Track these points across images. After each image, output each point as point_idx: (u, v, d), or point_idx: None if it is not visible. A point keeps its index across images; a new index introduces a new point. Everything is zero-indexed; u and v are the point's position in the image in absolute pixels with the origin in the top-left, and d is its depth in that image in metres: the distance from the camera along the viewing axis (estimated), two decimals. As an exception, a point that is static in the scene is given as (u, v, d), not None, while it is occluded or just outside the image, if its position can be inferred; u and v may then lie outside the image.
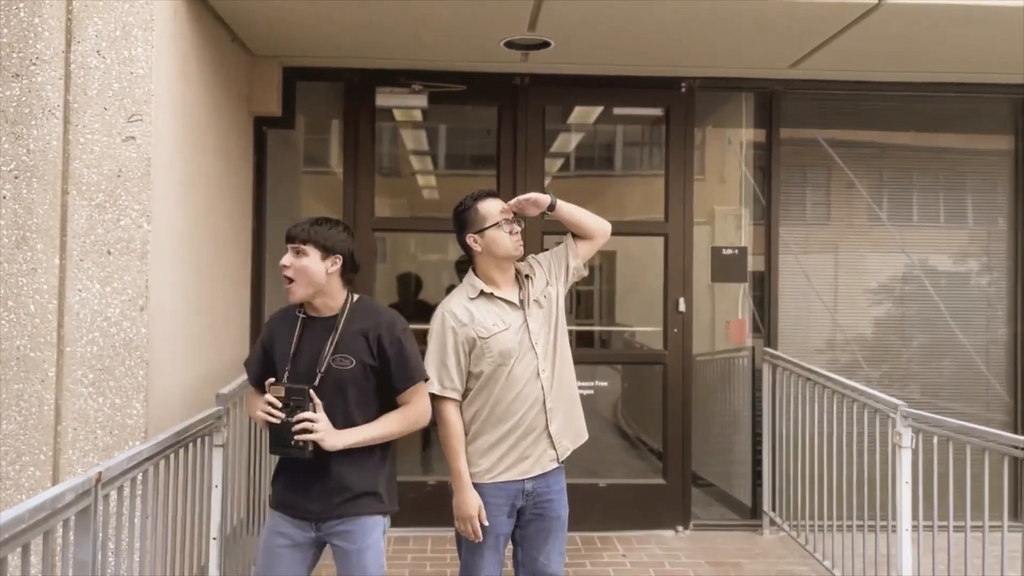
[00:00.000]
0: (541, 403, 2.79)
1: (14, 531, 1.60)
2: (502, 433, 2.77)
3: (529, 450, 2.79)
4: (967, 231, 5.32)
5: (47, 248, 3.16)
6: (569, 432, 2.89)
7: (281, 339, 2.59)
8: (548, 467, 2.83)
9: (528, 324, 2.81)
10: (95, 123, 3.18)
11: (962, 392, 5.21)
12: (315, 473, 2.51)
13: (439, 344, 2.78)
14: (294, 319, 2.61)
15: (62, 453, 3.15)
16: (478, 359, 2.76)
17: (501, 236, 2.80)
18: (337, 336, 2.54)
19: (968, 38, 4.17)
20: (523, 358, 2.78)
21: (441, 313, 2.82)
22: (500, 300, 2.83)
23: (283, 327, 2.62)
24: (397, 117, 5.22)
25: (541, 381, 2.80)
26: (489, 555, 2.79)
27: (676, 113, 4.98)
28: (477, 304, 2.81)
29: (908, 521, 3.40)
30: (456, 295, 2.87)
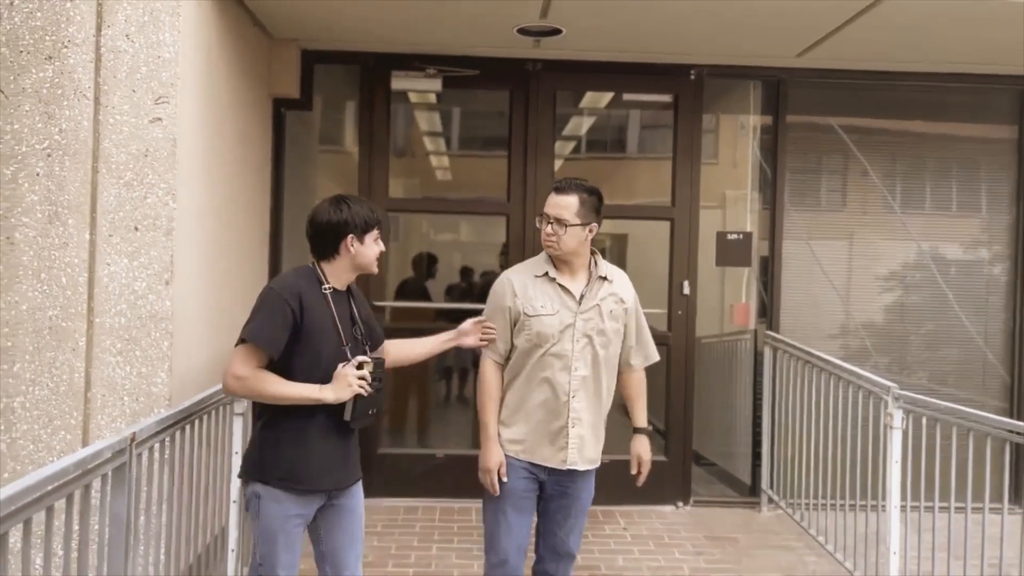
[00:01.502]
0: (567, 397, 2.83)
1: (60, 482, 1.77)
2: (526, 411, 2.85)
3: (548, 439, 2.85)
4: (972, 219, 5.41)
5: (78, 223, 3.31)
6: (587, 449, 2.89)
7: (318, 313, 2.51)
8: (560, 465, 2.86)
9: (578, 318, 2.85)
10: (124, 104, 3.33)
11: (970, 379, 5.32)
12: (347, 442, 2.59)
13: (492, 305, 2.92)
14: (320, 292, 2.55)
15: (91, 418, 3.32)
16: (519, 332, 2.85)
17: (543, 233, 2.89)
18: (357, 308, 2.66)
19: (971, 31, 4.25)
20: (559, 346, 2.82)
21: (502, 279, 2.94)
22: (560, 286, 2.87)
23: (315, 300, 2.53)
24: (412, 100, 5.35)
25: (571, 377, 2.83)
26: (512, 515, 2.86)
27: (685, 100, 5.08)
28: (537, 282, 2.88)
29: (897, 499, 3.54)
30: (525, 266, 2.98)
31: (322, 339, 2.50)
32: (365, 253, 2.59)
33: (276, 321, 2.44)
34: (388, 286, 5.28)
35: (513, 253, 5.11)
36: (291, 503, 2.48)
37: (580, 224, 2.83)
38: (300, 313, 2.46)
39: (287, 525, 2.48)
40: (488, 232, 5.60)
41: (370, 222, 2.58)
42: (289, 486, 2.47)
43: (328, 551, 2.64)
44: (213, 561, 3.22)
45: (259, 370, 2.45)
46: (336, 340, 2.53)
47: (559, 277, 2.87)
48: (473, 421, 5.43)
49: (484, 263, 5.59)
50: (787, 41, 4.56)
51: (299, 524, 2.53)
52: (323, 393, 2.46)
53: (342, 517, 2.63)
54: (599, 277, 2.91)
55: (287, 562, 2.50)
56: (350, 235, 2.56)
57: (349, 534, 2.65)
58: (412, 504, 4.96)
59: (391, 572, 4.02)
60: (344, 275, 2.61)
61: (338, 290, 2.61)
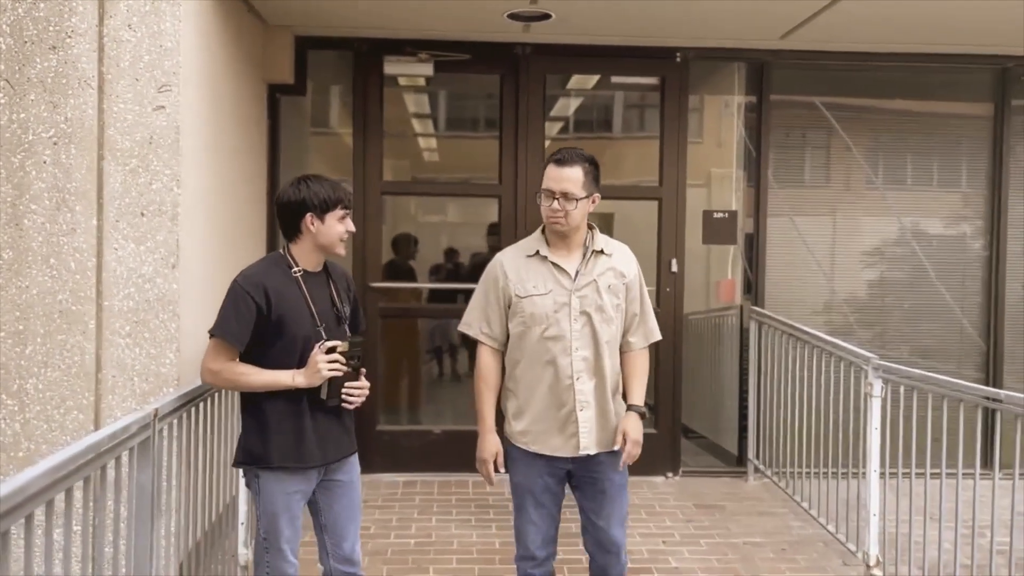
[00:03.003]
0: (570, 380, 2.73)
1: (97, 452, 1.89)
2: (531, 400, 2.77)
3: (557, 427, 2.75)
4: (951, 195, 5.59)
5: (85, 210, 3.41)
6: (600, 432, 2.77)
7: (289, 299, 2.55)
8: (573, 452, 2.75)
9: (573, 296, 2.74)
10: (127, 93, 3.41)
11: (951, 352, 5.51)
12: (337, 418, 2.64)
13: (483, 290, 2.84)
14: (289, 277, 2.59)
15: (103, 399, 3.43)
16: (512, 316, 2.78)
17: (545, 206, 2.76)
18: (334, 287, 2.68)
19: (950, 12, 4.39)
20: (556, 328, 2.72)
21: (493, 261, 2.86)
22: (552, 264, 2.77)
23: (284, 287, 2.57)
24: (404, 84, 5.44)
25: (572, 359, 2.72)
26: (533, 512, 2.79)
27: (671, 82, 5.21)
28: (529, 262, 2.78)
29: (877, 464, 3.71)
30: (517, 247, 2.88)
31: (295, 323, 2.53)
32: (326, 232, 2.57)
33: (239, 314, 2.51)
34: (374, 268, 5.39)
35: (505, 234, 5.23)
36: (289, 481, 2.56)
37: (586, 196, 2.72)
38: (267, 302, 2.51)
39: (289, 502, 2.57)
40: (479, 213, 5.70)
41: (330, 201, 2.56)
42: (284, 465, 2.55)
43: (328, 523, 2.72)
44: (225, 531, 3.35)
45: (232, 362, 2.53)
46: (310, 322, 2.56)
47: (552, 255, 2.77)
48: (468, 397, 5.58)
49: (474, 244, 5.70)
50: (770, 24, 4.68)
51: (300, 500, 2.61)
52: (296, 380, 2.51)
53: (340, 491, 2.70)
54: (595, 251, 2.81)
55: (290, 536, 2.60)
56: (308, 214, 2.55)
57: (347, 507, 2.72)
58: (411, 479, 5.11)
59: (393, 543, 4.17)
60: (311, 256, 2.62)
61: (310, 272, 2.62)
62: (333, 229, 2.59)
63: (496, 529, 4.39)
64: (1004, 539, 3.04)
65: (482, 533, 4.33)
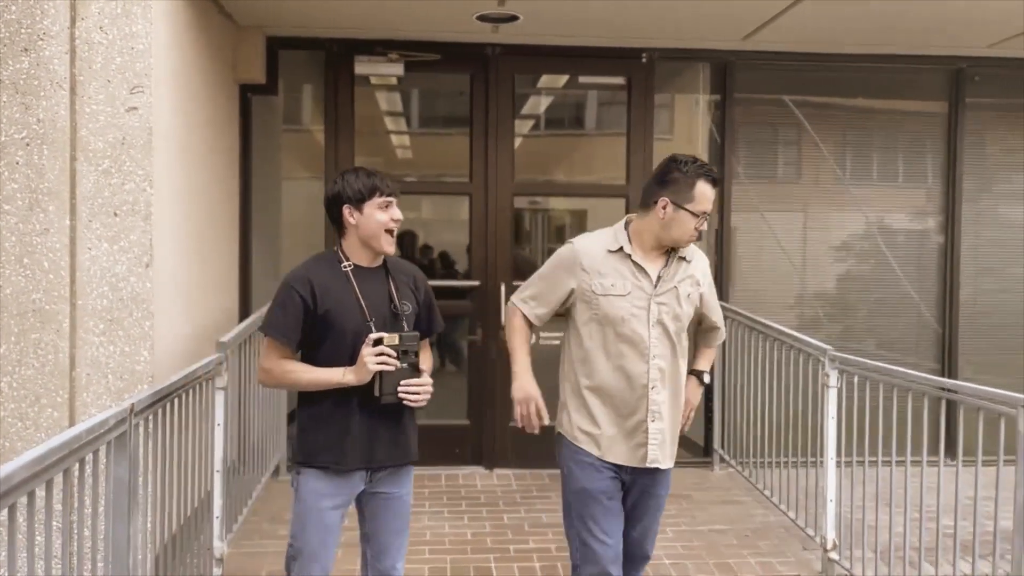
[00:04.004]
0: (644, 389, 2.61)
1: (74, 447, 1.96)
2: (598, 401, 2.64)
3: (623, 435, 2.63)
4: (909, 190, 5.76)
5: (58, 210, 3.45)
6: (667, 448, 2.67)
7: (337, 293, 2.49)
8: (639, 463, 2.64)
9: (652, 302, 2.61)
10: (99, 95, 3.46)
11: (916, 344, 5.68)
12: (386, 420, 2.51)
13: (552, 267, 2.70)
14: (339, 272, 2.52)
15: (77, 396, 3.48)
16: (583, 308, 2.64)
17: (687, 226, 2.59)
18: (394, 284, 2.57)
19: (905, 15, 4.54)
20: (632, 331, 2.59)
21: (573, 246, 2.69)
22: (635, 264, 2.63)
23: (332, 282, 2.50)
24: (375, 83, 5.51)
25: (649, 367, 2.60)
26: (603, 519, 2.62)
27: (637, 82, 5.32)
28: (609, 258, 2.63)
29: (833, 452, 3.85)
30: (599, 237, 2.71)
31: (343, 317, 2.47)
32: (366, 224, 2.49)
33: (287, 311, 2.47)
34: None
35: (475, 230, 5.33)
36: (325, 484, 2.48)
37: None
38: (312, 296, 2.45)
39: (320, 504, 2.48)
40: (453, 210, 5.78)
41: (364, 190, 2.48)
42: (323, 465, 2.48)
43: (371, 533, 2.62)
44: (200, 526, 3.41)
45: (284, 360, 2.50)
46: (359, 317, 2.47)
47: (635, 255, 2.62)
48: (445, 392, 5.66)
49: (448, 240, 5.78)
50: (732, 26, 4.82)
51: (334, 509, 2.50)
52: (346, 377, 2.43)
53: (387, 503, 2.58)
54: (680, 258, 2.68)
55: (318, 547, 2.48)
56: (345, 206, 2.49)
57: (392, 521, 2.60)
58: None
59: (367, 535, 4.25)
60: (360, 250, 2.54)
61: (364, 267, 2.54)
62: (372, 218, 2.48)
63: (468, 520, 4.49)
64: (957, 522, 3.17)
65: (454, 524, 4.43)
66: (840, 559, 3.80)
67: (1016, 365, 5.54)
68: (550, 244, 5.89)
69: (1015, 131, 5.68)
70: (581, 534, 2.64)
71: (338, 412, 2.48)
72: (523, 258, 5.62)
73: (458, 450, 5.38)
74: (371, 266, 2.57)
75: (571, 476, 2.68)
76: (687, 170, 2.58)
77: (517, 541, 4.22)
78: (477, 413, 5.39)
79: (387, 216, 2.51)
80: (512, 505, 4.74)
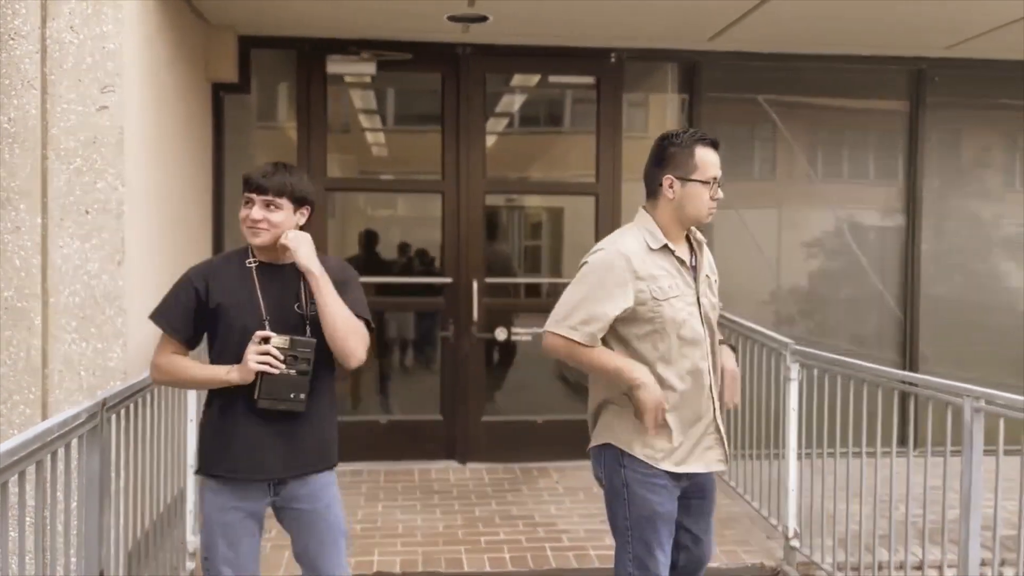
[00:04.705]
0: (708, 388, 2.49)
1: (45, 440, 2.01)
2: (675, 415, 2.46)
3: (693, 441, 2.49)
4: (873, 187, 5.91)
5: (30, 208, 3.47)
6: (727, 447, 2.61)
7: (232, 288, 2.38)
8: (714, 467, 2.54)
9: (699, 296, 2.50)
10: (71, 94, 3.48)
11: (883, 337, 5.80)
12: (282, 429, 2.34)
13: (601, 283, 2.40)
14: (242, 267, 2.40)
15: (50, 393, 3.51)
16: (639, 324, 2.43)
17: (703, 196, 2.45)
18: (304, 283, 2.38)
19: (868, 17, 4.67)
20: (692, 331, 2.45)
21: (620, 253, 2.43)
22: (677, 260, 2.48)
23: (229, 276, 2.40)
24: (347, 81, 5.55)
25: (709, 363, 2.49)
26: (666, 540, 2.52)
27: (606, 82, 5.41)
28: (654, 257, 2.44)
29: (794, 443, 3.96)
30: (631, 238, 2.47)
31: (232, 313, 2.35)
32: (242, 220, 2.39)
33: (177, 301, 2.40)
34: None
35: (448, 228, 5.40)
36: (226, 494, 2.36)
37: None
38: (206, 288, 2.37)
39: (224, 517, 2.35)
40: (428, 208, 5.83)
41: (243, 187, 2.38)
42: (217, 474, 2.36)
43: (299, 553, 2.50)
44: (173, 520, 3.46)
45: (174, 356, 2.40)
46: (253, 315, 2.33)
47: (674, 247, 2.47)
48: (415, 388, 5.74)
49: (424, 238, 5.83)
50: (698, 27, 4.91)
51: (240, 517, 2.37)
52: (229, 375, 2.30)
53: (307, 520, 2.44)
54: (697, 241, 2.57)
55: (227, 556, 2.36)
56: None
57: (317, 536, 2.44)
58: (357, 468, 5.24)
59: (340, 529, 4.31)
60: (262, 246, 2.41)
61: (271, 263, 2.41)
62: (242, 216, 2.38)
63: (440, 513, 4.56)
64: (916, 511, 3.28)
65: (427, 517, 4.50)
66: (801, 547, 3.91)
67: (975, 358, 5.70)
68: (526, 241, 5.97)
69: (974, 130, 5.84)
70: (641, 555, 2.50)
71: (225, 418, 2.36)
72: (501, 255, 5.71)
73: (431, 445, 5.45)
74: (277, 263, 2.42)
75: (640, 500, 2.48)
76: (681, 140, 2.46)
77: (488, 533, 4.30)
78: (450, 408, 5.46)
79: (244, 213, 2.37)
80: (484, 498, 4.82)
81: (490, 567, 3.91)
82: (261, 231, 2.34)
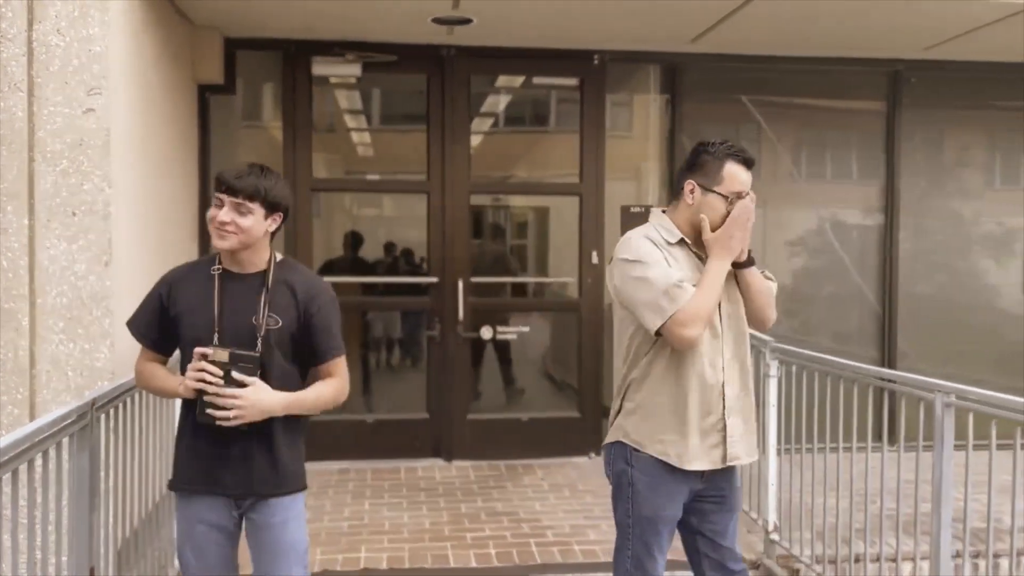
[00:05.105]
0: (720, 386, 2.48)
1: (37, 439, 2.05)
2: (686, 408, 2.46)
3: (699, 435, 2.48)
4: (853, 186, 6.00)
5: (16, 210, 3.50)
6: (743, 443, 2.56)
7: (191, 296, 2.31)
8: (715, 464, 2.50)
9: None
10: (57, 96, 3.51)
11: (863, 334, 5.90)
12: (240, 445, 2.28)
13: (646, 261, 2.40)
14: (207, 275, 2.32)
15: (38, 393, 3.53)
16: None
17: (719, 210, 2.45)
18: (268, 296, 2.30)
19: (845, 19, 4.76)
20: (710, 326, 2.46)
21: (638, 238, 2.47)
22: (695, 255, 2.49)
23: (191, 283, 2.33)
24: (333, 82, 5.59)
25: (723, 360, 2.49)
26: (665, 543, 2.55)
27: (590, 83, 5.47)
28: (672, 250, 2.47)
29: (774, 439, 4.04)
30: (647, 232, 2.50)
31: (185, 323, 2.29)
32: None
33: (145, 308, 2.38)
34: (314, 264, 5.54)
35: (433, 228, 5.45)
36: (189, 507, 2.33)
37: None
38: (168, 296, 2.32)
39: (191, 528, 2.33)
40: (414, 208, 5.87)
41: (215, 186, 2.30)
42: (182, 483, 2.35)
43: (255, 567, 2.42)
44: (162, 519, 3.49)
45: (148, 363, 2.38)
46: (207, 328, 2.25)
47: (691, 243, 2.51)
48: (401, 387, 5.77)
49: (410, 237, 5.87)
50: (680, 30, 4.99)
51: (204, 530, 2.32)
52: (179, 387, 2.26)
53: (259, 534, 2.37)
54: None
55: (197, 567, 2.34)
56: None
57: (268, 552, 2.37)
58: (344, 466, 5.29)
59: (327, 526, 4.36)
60: (227, 253, 2.32)
61: (236, 272, 2.32)
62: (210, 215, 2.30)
63: (427, 510, 4.61)
64: (892, 505, 3.36)
65: (413, 515, 4.55)
66: (780, 540, 3.99)
67: (954, 355, 5.81)
68: (511, 240, 6.03)
69: (950, 130, 5.95)
70: (640, 555, 2.53)
71: (185, 429, 2.34)
72: (486, 254, 5.76)
73: (417, 443, 5.50)
74: (243, 272, 2.33)
75: (644, 501, 2.51)
76: (715, 151, 2.47)
77: (474, 529, 4.36)
78: (436, 407, 5.51)
79: (212, 213, 2.28)
80: (469, 495, 4.87)
81: (476, 563, 3.96)
82: (228, 234, 2.25)
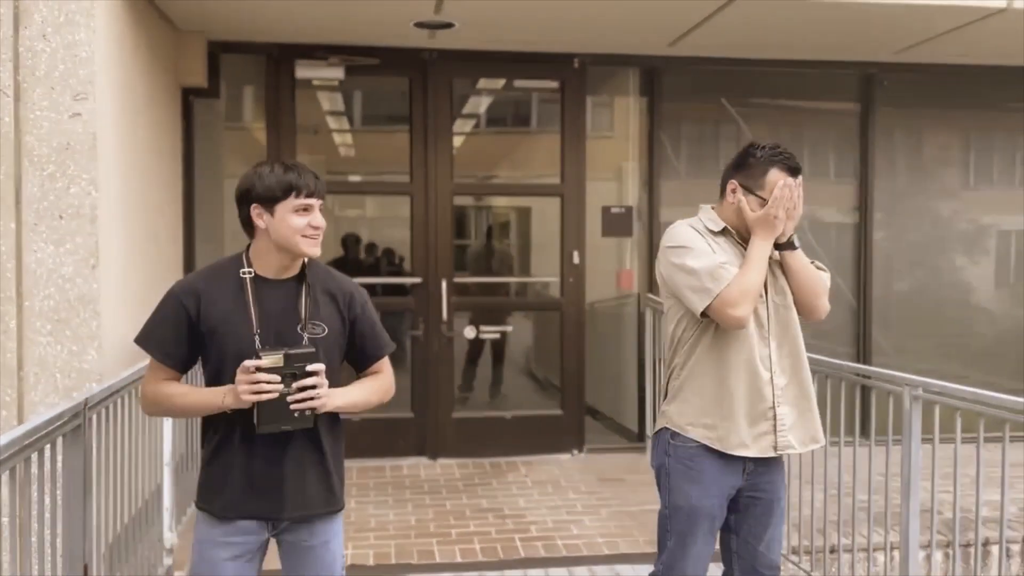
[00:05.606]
0: (769, 376, 2.44)
1: (34, 438, 2.10)
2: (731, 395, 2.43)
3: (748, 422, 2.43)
4: (831, 186, 6.13)
5: (4, 214, 3.53)
6: (798, 431, 2.50)
7: (226, 307, 2.11)
8: (765, 452, 2.45)
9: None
10: (43, 101, 3.54)
11: (843, 332, 6.02)
12: (287, 461, 2.12)
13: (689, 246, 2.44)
14: (236, 281, 2.14)
15: (25, 395, 3.57)
16: None
17: (750, 209, 2.45)
18: (308, 300, 2.17)
19: (814, 28, 4.87)
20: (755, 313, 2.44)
21: (689, 227, 2.50)
22: (739, 243, 2.50)
23: (222, 293, 2.13)
24: (316, 85, 5.64)
25: (770, 350, 2.46)
26: (702, 540, 2.48)
27: (569, 86, 5.56)
28: (717, 239, 2.49)
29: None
30: (691, 222, 2.55)
31: (230, 340, 2.09)
32: (277, 228, 2.09)
33: (165, 320, 2.13)
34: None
35: (416, 229, 5.51)
36: (215, 529, 2.15)
37: None
38: (197, 308, 2.10)
39: (208, 553, 2.15)
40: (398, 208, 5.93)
41: (277, 189, 2.08)
42: (205, 509, 2.16)
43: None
44: (151, 517, 3.54)
45: (165, 383, 2.14)
46: (250, 340, 2.07)
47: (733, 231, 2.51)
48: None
49: (391, 237, 5.93)
50: (658, 34, 5.08)
51: (229, 555, 2.14)
52: (225, 399, 2.05)
53: (298, 554, 2.21)
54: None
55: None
56: (254, 205, 2.10)
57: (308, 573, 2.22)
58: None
59: (313, 524, 4.41)
60: (270, 257, 2.14)
61: (269, 278, 2.15)
62: (284, 223, 2.08)
63: (412, 508, 4.68)
64: (865, 497, 3.45)
65: (399, 512, 4.62)
66: (758, 532, 4.08)
67: (929, 350, 5.95)
68: (494, 241, 6.10)
69: (922, 131, 6.09)
70: (674, 548, 2.50)
71: (223, 449, 2.13)
72: (469, 254, 5.84)
73: (402, 441, 5.56)
74: (279, 277, 2.16)
75: (678, 490, 2.49)
76: (761, 155, 2.46)
77: (459, 526, 4.43)
78: (421, 405, 5.57)
79: (304, 222, 2.10)
80: (454, 492, 4.95)
81: (461, 558, 4.04)
82: (319, 238, 2.15)
